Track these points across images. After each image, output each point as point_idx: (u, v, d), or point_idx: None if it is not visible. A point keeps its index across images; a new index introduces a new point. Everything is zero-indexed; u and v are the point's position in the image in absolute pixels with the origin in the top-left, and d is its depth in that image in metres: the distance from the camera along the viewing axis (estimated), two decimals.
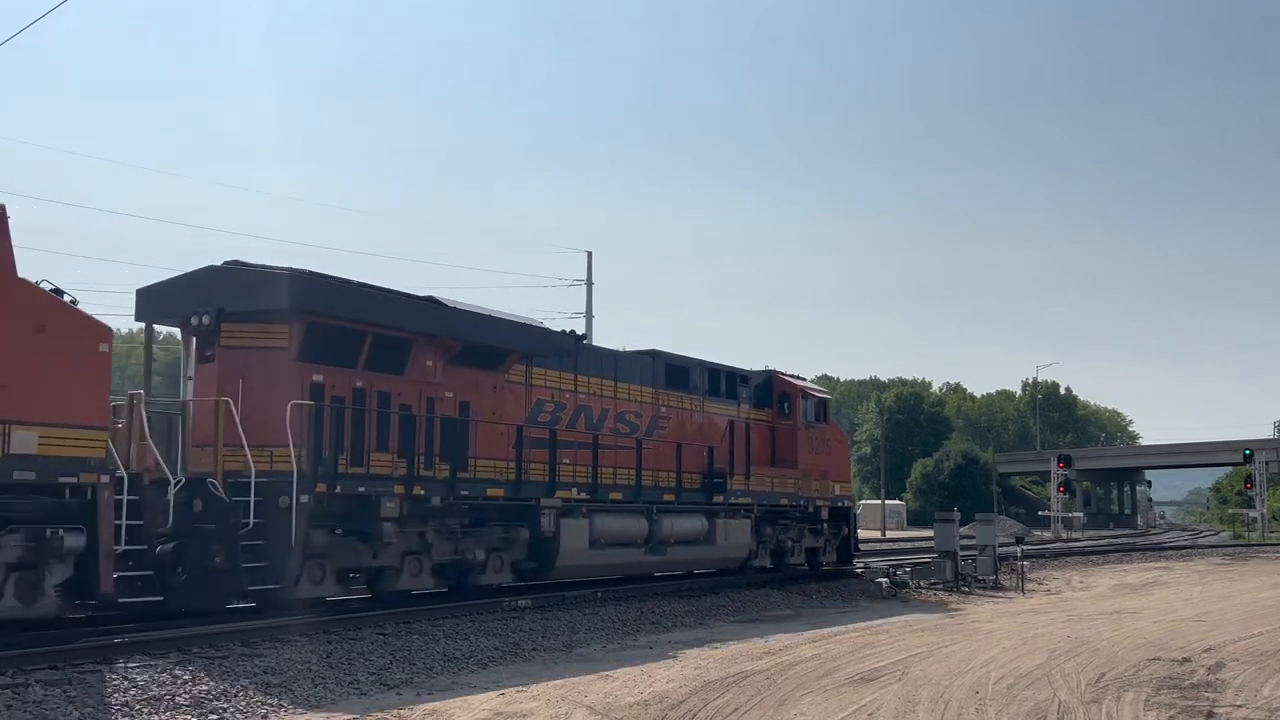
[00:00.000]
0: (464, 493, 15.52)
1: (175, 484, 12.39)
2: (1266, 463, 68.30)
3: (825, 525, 24.18)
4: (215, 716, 8.97)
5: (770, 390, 23.48)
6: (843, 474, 25.71)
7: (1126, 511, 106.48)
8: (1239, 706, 9.72)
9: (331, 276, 14.53)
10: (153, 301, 14.25)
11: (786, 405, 23.55)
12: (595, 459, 17.88)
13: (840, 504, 24.82)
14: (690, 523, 19.69)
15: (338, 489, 13.69)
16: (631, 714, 9.18)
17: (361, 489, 14.05)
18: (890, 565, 25.51)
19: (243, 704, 9.34)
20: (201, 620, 12.73)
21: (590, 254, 44.35)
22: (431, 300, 15.79)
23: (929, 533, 30.10)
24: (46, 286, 10.86)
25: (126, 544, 11.53)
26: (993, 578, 24.83)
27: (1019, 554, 27.78)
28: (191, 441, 13.50)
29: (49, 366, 10.54)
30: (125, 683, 9.60)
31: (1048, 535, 62.76)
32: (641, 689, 10.37)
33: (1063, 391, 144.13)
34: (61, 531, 10.60)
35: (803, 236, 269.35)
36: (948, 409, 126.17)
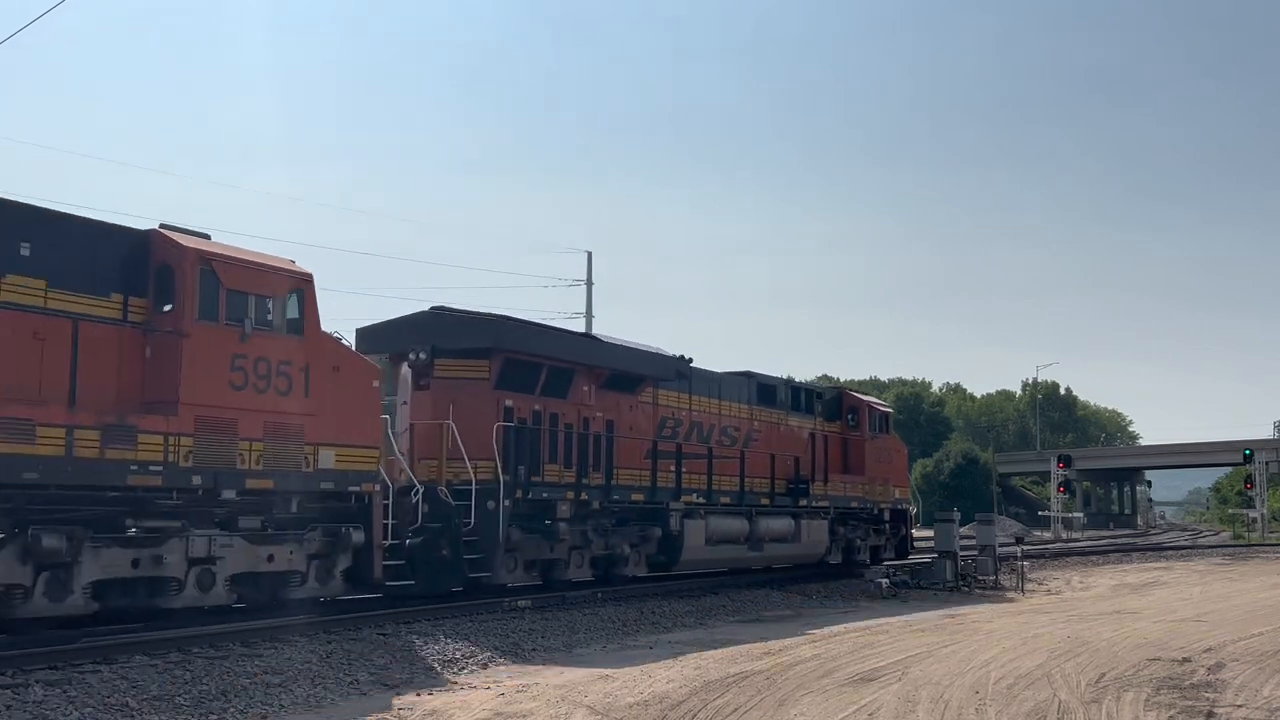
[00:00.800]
0: (615, 497, 18.23)
1: (416, 491, 14.98)
2: (1266, 463, 68.25)
3: (886, 525, 26.84)
4: (215, 716, 8.97)
5: (840, 405, 26.34)
6: (901, 479, 28.16)
7: (1126, 511, 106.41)
8: (1239, 706, 9.72)
9: (518, 319, 17.91)
10: (371, 338, 17.01)
11: (854, 418, 26.24)
12: (710, 467, 20.42)
13: (899, 506, 27.36)
14: (781, 523, 22.32)
15: (529, 495, 16.44)
16: (631, 714, 9.18)
17: (545, 495, 16.79)
18: (890, 565, 25.52)
19: (243, 704, 9.35)
20: (201, 620, 12.78)
21: (590, 254, 44.41)
22: (589, 337, 19.02)
23: (929, 533, 30.69)
24: (337, 335, 13.78)
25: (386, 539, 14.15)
26: (993, 578, 24.83)
27: (1019, 554, 27.79)
28: (417, 455, 15.83)
29: (342, 399, 13.30)
30: (125, 683, 9.60)
31: (1048, 535, 62.73)
32: (641, 689, 10.37)
33: (1063, 391, 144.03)
34: (349, 529, 13.41)
35: (803, 236, 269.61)
36: (948, 409, 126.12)
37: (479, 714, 9.19)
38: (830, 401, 26.08)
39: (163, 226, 12.27)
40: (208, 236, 12.66)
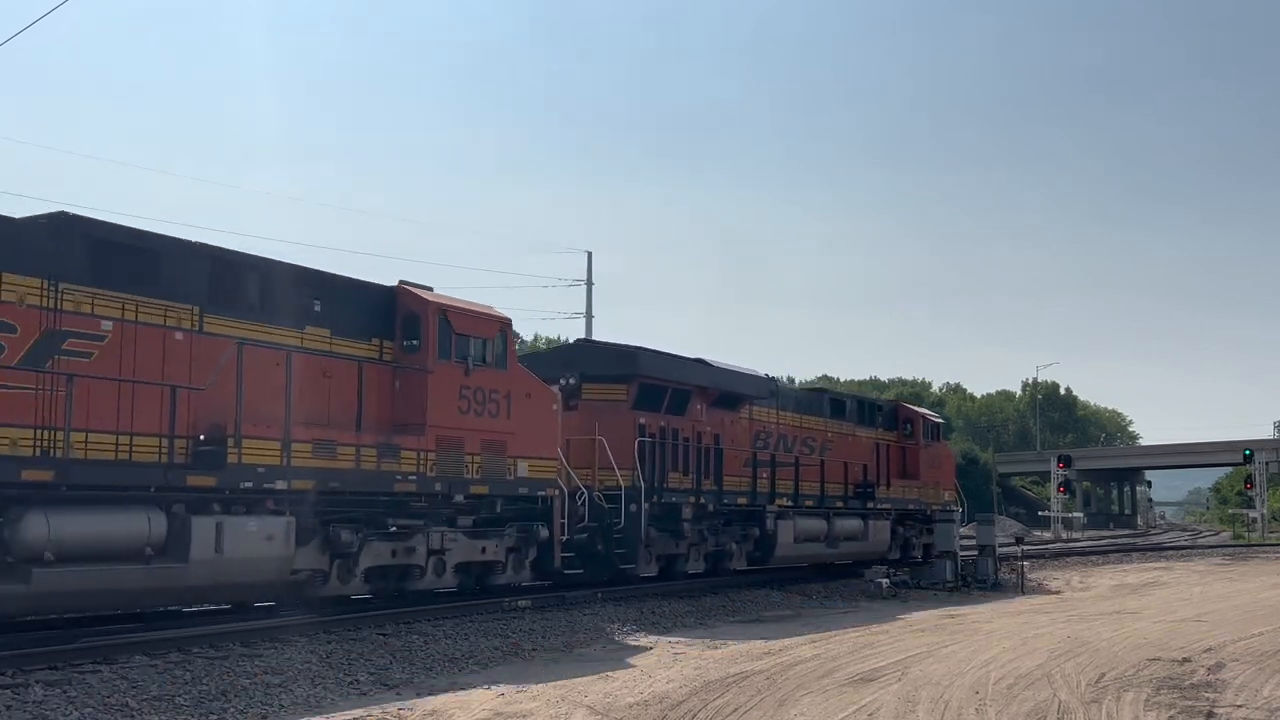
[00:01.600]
0: (724, 501, 20.92)
1: (581, 495, 17.41)
2: (1266, 463, 68.21)
3: (937, 525, 28.53)
4: (215, 716, 8.97)
5: (897, 416, 29.14)
6: (950, 483, 30.91)
7: (1126, 511, 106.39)
8: (1239, 706, 9.72)
9: (650, 350, 20.23)
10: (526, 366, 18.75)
11: (909, 428, 29.02)
12: (796, 474, 23.10)
13: (948, 507, 29.72)
14: (853, 523, 24.84)
15: (661, 499, 19.11)
16: (631, 714, 9.18)
17: (673, 499, 19.52)
18: (890, 565, 25.53)
19: (243, 704, 9.34)
20: (202, 620, 12.80)
21: (590, 254, 44.43)
22: (702, 362, 21.45)
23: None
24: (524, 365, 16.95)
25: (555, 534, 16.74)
26: (993, 578, 24.83)
27: (1019, 554, 27.81)
28: (572, 465, 17.63)
29: (532, 420, 16.23)
30: (125, 683, 9.60)
31: (1048, 535, 62.73)
32: (641, 689, 10.37)
33: (1063, 391, 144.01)
34: (538, 526, 16.27)
35: (803, 236, 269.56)
36: (948, 409, 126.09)
37: (479, 714, 9.19)
38: (889, 413, 29.00)
39: (402, 283, 15.02)
40: (431, 288, 15.32)
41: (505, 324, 16.11)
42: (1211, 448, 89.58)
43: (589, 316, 43.49)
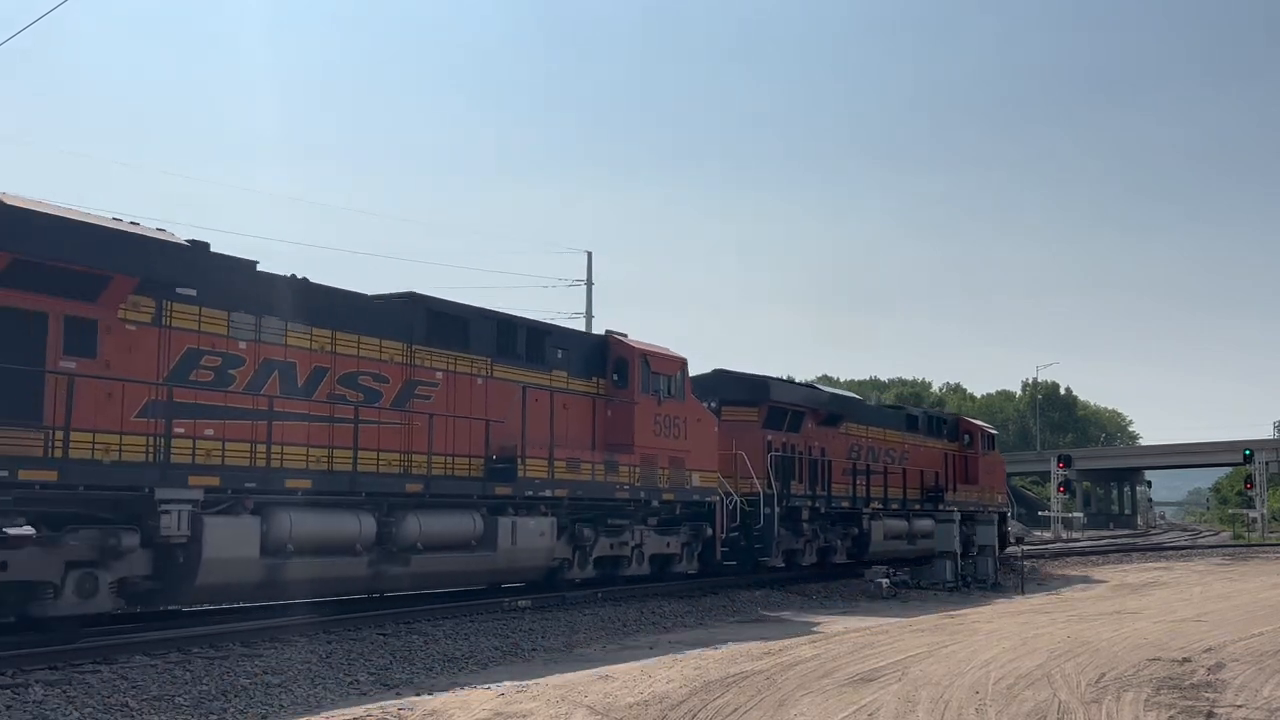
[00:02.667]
0: (832, 505, 24.83)
1: (733, 500, 21.14)
2: (1266, 463, 68.17)
3: (994, 524, 33.38)
4: (215, 716, 8.97)
5: (958, 428, 33.63)
6: (1002, 487, 35.50)
7: (1126, 511, 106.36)
8: (1239, 706, 9.71)
9: (776, 379, 25.22)
10: None
11: (969, 439, 33.29)
12: (885, 481, 27.23)
13: (1001, 509, 34.42)
14: (926, 523, 28.00)
15: (787, 503, 22.87)
16: (631, 714, 9.18)
17: (795, 503, 23.33)
18: (890, 565, 25.55)
19: (243, 704, 9.34)
20: (202, 620, 12.79)
21: (590, 254, 44.43)
22: (812, 387, 26.73)
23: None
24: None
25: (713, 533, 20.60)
26: (993, 578, 24.83)
27: (1019, 554, 27.80)
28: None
29: (700, 440, 20.27)
30: (125, 683, 9.60)
31: (1048, 535, 62.73)
32: (641, 689, 10.37)
33: (1063, 391, 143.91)
34: (704, 525, 20.15)
35: (803, 236, 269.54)
36: (948, 409, 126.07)
37: (479, 714, 9.18)
38: (952, 426, 33.54)
39: (610, 333, 19.29)
40: (626, 335, 19.27)
41: (683, 363, 20.19)
42: (1211, 448, 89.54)
43: (589, 316, 43.44)
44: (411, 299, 15.34)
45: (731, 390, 23.22)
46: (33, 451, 10.71)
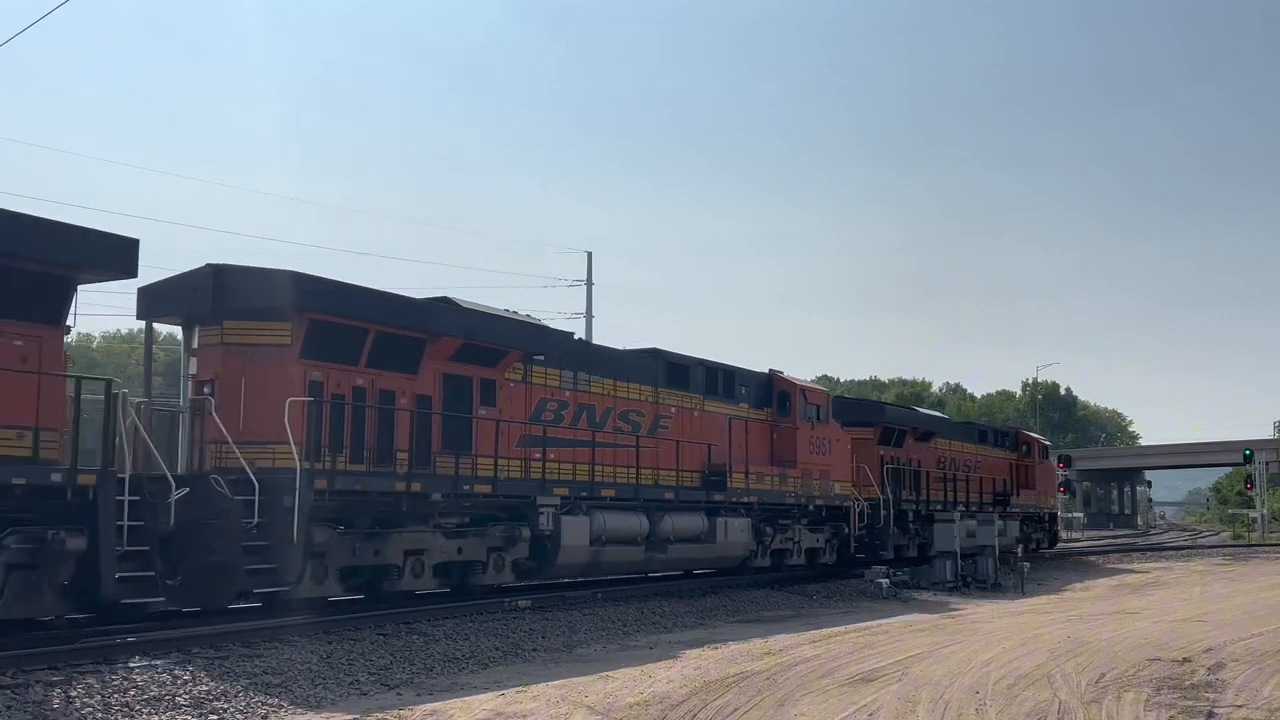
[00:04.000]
0: (930, 507, 29.16)
1: (859, 504, 25.63)
2: (1266, 463, 68.11)
3: (1047, 523, 40.15)
4: (215, 717, 8.96)
5: (1018, 439, 38.83)
6: (1054, 492, 42.05)
7: (1126, 511, 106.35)
8: (1239, 707, 9.71)
9: (890, 404, 32.71)
10: None
11: (1028, 449, 38.56)
12: (967, 487, 32.47)
13: (1052, 511, 41.07)
14: (995, 525, 31.51)
15: (899, 507, 27.80)
16: (631, 714, 9.18)
17: (903, 507, 28.13)
18: (890, 565, 25.57)
19: (243, 704, 9.34)
20: (202, 620, 12.78)
21: (590, 254, 44.44)
22: (910, 409, 32.91)
23: None
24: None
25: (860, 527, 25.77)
26: (993, 578, 24.82)
27: (1019, 554, 27.81)
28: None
29: (839, 455, 24.99)
30: (125, 683, 9.60)
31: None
32: (641, 689, 10.37)
33: (1063, 391, 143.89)
34: (841, 524, 24.88)
35: (803, 236, 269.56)
36: (948, 409, 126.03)
37: (479, 714, 9.18)
38: (1013, 437, 38.53)
39: (772, 371, 23.92)
40: (783, 371, 24.04)
41: (829, 395, 25.66)
42: (1211, 448, 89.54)
43: (589, 317, 43.42)
44: (654, 354, 20.71)
45: (853, 413, 28.02)
46: (465, 472, 15.60)
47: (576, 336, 20.00)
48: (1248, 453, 67.37)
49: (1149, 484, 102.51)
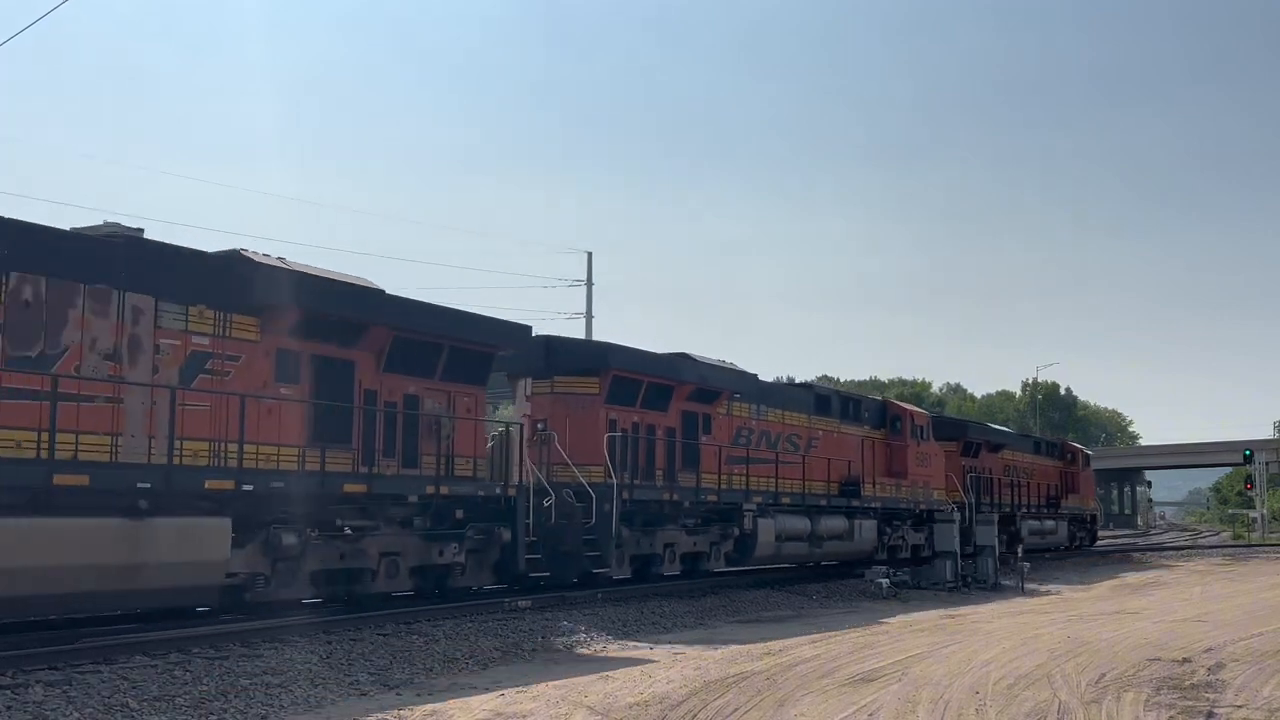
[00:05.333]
0: (1001, 510, 33.79)
1: (951, 508, 28.62)
2: (1266, 463, 68.10)
3: (1089, 524, 45.96)
4: (215, 717, 8.96)
5: (1063, 448, 44.39)
6: (1093, 495, 48.47)
7: (1126, 511, 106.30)
8: (1239, 707, 9.71)
9: (974, 421, 42.94)
10: None
11: (1072, 456, 44.20)
12: (1029, 491, 38.17)
13: (1092, 513, 47.06)
14: (1051, 523, 39.89)
15: (980, 511, 30.98)
16: (631, 714, 9.18)
17: (983, 508, 31.86)
18: (890, 566, 25.60)
19: (242, 704, 9.33)
20: (202, 620, 12.80)
21: (590, 254, 44.51)
22: (983, 424, 39.50)
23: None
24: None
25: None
26: (993, 578, 24.81)
27: (1019, 554, 27.81)
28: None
29: (936, 467, 30.05)
30: (125, 683, 9.59)
31: None
32: (641, 689, 10.37)
33: (1063, 391, 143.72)
34: (946, 525, 26.33)
35: (803, 236, 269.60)
36: (948, 409, 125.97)
37: (479, 714, 9.18)
38: (1060, 447, 44.33)
39: (885, 398, 30.18)
40: (892, 399, 29.06)
41: (930, 417, 30.66)
42: (1211, 448, 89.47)
43: (589, 317, 43.46)
44: (806, 387, 27.66)
45: (943, 430, 32.26)
46: (688, 483, 20.36)
47: (758, 376, 23.82)
48: (1248, 453, 67.35)
49: (1149, 484, 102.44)
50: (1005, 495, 35.36)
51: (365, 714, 9.14)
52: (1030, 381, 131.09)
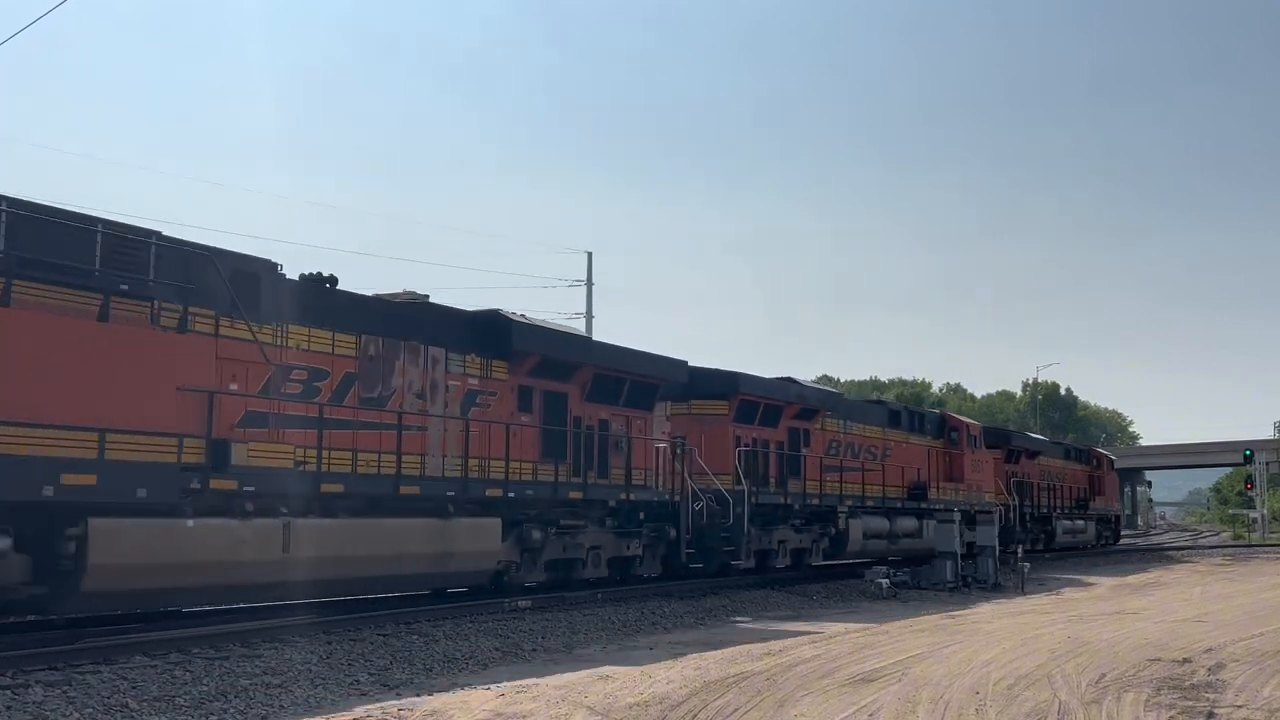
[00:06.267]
0: (1040, 512, 39.91)
1: (999, 510, 32.74)
2: (1267, 463, 68.12)
3: (1113, 523, 50.68)
4: (215, 717, 8.96)
5: (1090, 454, 49.03)
6: (1117, 496, 53.60)
7: (1127, 512, 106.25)
8: (1239, 707, 9.71)
9: (1019, 431, 45.91)
10: None
11: (1097, 462, 48.71)
12: (1064, 493, 43.02)
13: (1116, 513, 51.89)
14: (1081, 523, 44.63)
15: (1020, 511, 36.63)
16: (631, 714, 9.17)
17: (1024, 511, 37.35)
18: (890, 566, 25.62)
19: (242, 705, 9.34)
20: (202, 620, 12.81)
21: (590, 254, 44.52)
22: (1024, 434, 43.48)
23: None
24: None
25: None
26: (993, 578, 24.81)
27: (1019, 554, 27.83)
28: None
29: (987, 473, 33.73)
30: (125, 683, 9.60)
31: None
32: (641, 689, 10.37)
33: (1063, 391, 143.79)
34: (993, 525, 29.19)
35: (803, 236, 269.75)
36: (948, 409, 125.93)
37: (479, 714, 9.18)
38: (1087, 453, 49.10)
39: (943, 411, 38.62)
40: (945, 409, 42.00)
41: (981, 428, 34.10)
42: (1211, 448, 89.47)
43: (589, 317, 43.45)
44: (879, 403, 31.80)
45: (990, 439, 35.64)
46: (795, 489, 24.25)
47: (844, 395, 28.50)
48: (1248, 453, 67.37)
49: (1149, 484, 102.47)
50: (1042, 498, 39.91)
51: (365, 714, 9.14)
52: (1030, 381, 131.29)
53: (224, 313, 12.31)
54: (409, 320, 15.23)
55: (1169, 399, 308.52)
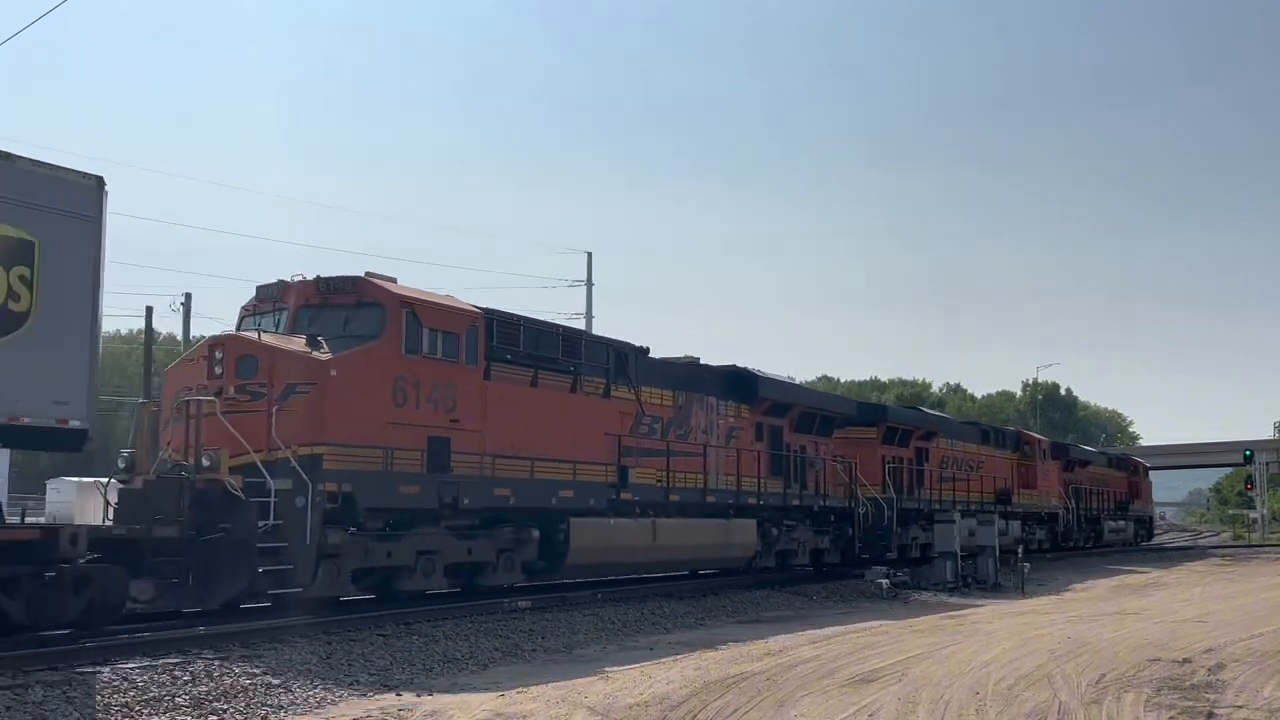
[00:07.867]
0: (1090, 513, 46.31)
1: (1056, 511, 41.24)
2: (1267, 463, 68.09)
3: (1148, 524, 56.37)
4: (215, 717, 8.96)
5: (1127, 462, 55.24)
6: (1150, 499, 59.09)
7: None
8: (1239, 707, 9.72)
9: (1069, 443, 53.87)
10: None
11: (1134, 469, 54.76)
12: (1105, 500, 48.86)
13: (1150, 514, 58.35)
14: (1121, 523, 50.99)
15: (1077, 513, 44.49)
16: (631, 715, 9.18)
17: (1080, 513, 44.62)
18: (890, 566, 25.62)
19: (242, 705, 9.34)
20: (202, 620, 12.80)
21: (590, 254, 44.60)
22: (1077, 445, 53.04)
23: None
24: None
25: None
26: (993, 578, 24.81)
27: (1019, 554, 27.83)
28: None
29: (1052, 480, 40.36)
30: (125, 683, 9.59)
31: None
32: (641, 690, 10.37)
33: (1063, 392, 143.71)
34: (1054, 524, 41.24)
35: (803, 236, 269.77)
36: (948, 409, 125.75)
37: (479, 714, 9.18)
38: (1125, 460, 54.46)
39: (1019, 429, 44.90)
40: (1022, 428, 44.06)
41: (1049, 442, 40.04)
42: (1211, 448, 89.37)
43: (589, 317, 43.49)
44: (974, 423, 38.31)
45: (1053, 450, 40.77)
46: (922, 496, 29.77)
47: (951, 419, 34.33)
48: (1248, 453, 67.34)
49: (1149, 484, 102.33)
50: (1092, 501, 45.96)
51: (365, 714, 9.14)
52: (1030, 381, 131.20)
53: (612, 381, 18.46)
54: (695, 378, 21.38)
55: (1169, 399, 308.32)
